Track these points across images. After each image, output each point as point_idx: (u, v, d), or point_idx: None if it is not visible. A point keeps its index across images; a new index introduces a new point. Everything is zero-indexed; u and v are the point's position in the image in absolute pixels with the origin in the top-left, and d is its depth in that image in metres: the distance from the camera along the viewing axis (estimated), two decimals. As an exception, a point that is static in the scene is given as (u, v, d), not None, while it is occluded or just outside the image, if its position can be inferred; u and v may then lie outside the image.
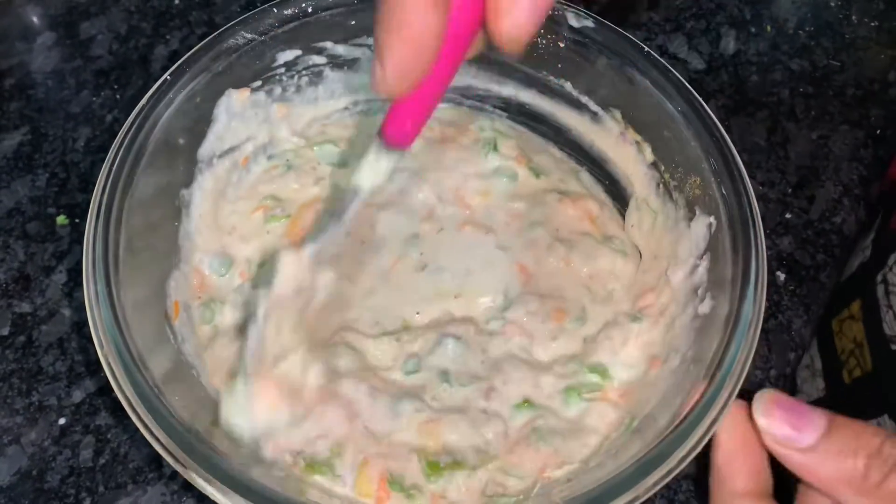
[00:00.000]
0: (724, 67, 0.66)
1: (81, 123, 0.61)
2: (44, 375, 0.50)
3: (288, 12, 0.48)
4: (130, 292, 0.39)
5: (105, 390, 0.49)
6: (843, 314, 0.46)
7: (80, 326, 0.52)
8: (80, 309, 0.52)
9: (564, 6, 0.47)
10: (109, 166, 0.41)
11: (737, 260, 0.40)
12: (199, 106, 0.47)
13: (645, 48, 0.46)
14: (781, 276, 0.56)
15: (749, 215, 0.40)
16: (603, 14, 0.48)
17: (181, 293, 0.45)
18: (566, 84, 0.51)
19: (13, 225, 0.56)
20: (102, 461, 0.48)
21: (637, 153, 0.49)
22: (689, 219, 0.45)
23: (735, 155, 0.42)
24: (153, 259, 0.44)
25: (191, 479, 0.34)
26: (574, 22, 0.47)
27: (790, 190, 0.60)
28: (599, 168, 0.53)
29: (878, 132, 0.63)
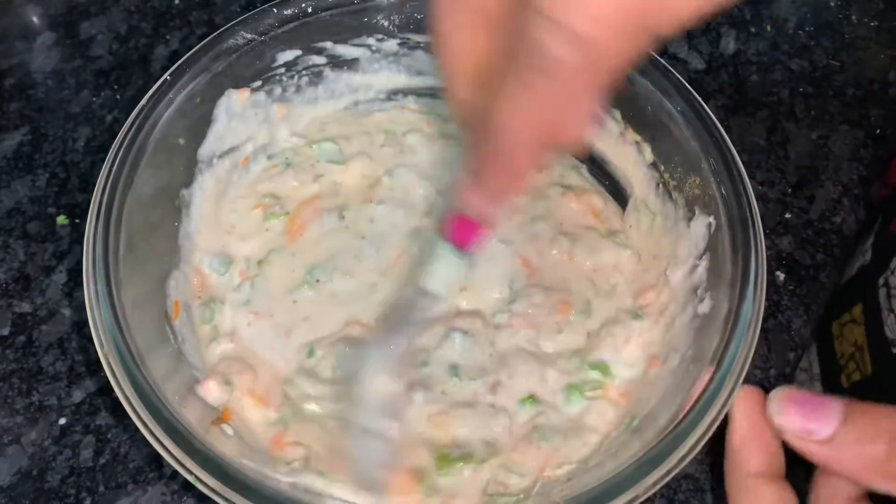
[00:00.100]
0: (724, 67, 0.66)
1: (81, 123, 0.61)
2: (44, 375, 0.50)
3: (288, 12, 0.48)
4: (130, 292, 0.39)
5: (105, 390, 0.49)
6: (845, 318, 0.46)
7: (80, 326, 0.52)
8: (80, 309, 0.52)
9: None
10: (109, 166, 0.41)
11: (736, 260, 0.40)
12: (199, 106, 0.47)
13: (645, 48, 0.46)
14: (781, 276, 0.56)
15: (748, 215, 0.40)
16: (603, 14, 0.47)
17: (181, 293, 0.45)
18: (566, 84, 0.51)
19: (13, 225, 0.56)
20: (103, 461, 0.48)
21: (636, 153, 0.49)
22: (689, 219, 0.45)
23: (735, 155, 0.42)
24: (153, 259, 0.44)
25: (191, 479, 0.34)
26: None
27: (790, 190, 0.60)
28: (599, 168, 0.53)
29: (878, 132, 0.63)
